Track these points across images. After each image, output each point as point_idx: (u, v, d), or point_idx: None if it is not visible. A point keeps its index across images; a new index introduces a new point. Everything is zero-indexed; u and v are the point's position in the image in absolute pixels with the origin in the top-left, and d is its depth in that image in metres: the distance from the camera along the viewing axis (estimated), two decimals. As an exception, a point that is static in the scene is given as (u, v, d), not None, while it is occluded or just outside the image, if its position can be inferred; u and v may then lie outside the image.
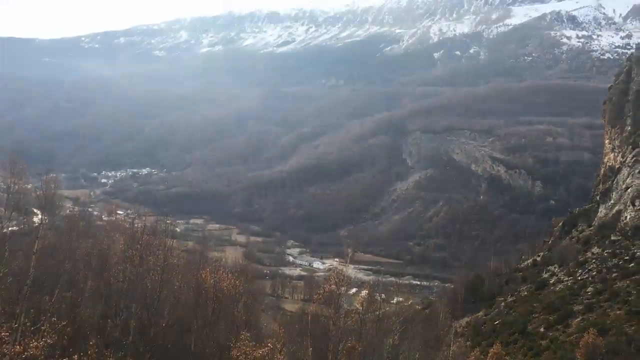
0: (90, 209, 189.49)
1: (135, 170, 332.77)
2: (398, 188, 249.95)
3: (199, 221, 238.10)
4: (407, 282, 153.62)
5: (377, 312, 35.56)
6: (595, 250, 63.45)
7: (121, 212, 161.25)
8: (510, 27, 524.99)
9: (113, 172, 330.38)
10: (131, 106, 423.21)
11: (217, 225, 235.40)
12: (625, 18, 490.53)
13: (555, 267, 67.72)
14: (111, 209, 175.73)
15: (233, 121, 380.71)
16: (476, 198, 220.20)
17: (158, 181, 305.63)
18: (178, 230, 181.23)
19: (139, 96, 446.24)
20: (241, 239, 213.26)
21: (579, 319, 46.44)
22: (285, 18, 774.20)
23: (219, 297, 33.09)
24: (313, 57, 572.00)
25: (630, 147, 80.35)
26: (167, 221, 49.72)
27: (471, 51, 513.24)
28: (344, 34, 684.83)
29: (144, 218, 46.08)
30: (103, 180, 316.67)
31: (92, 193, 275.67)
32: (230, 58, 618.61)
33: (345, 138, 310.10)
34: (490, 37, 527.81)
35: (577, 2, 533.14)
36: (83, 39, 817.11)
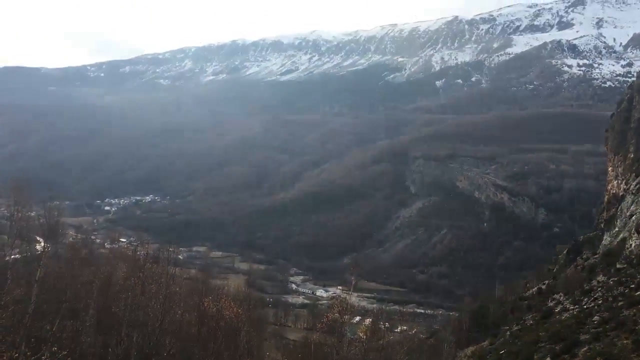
0: (93, 237, 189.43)
1: (138, 198, 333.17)
2: (401, 215, 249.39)
3: (201, 249, 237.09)
4: (411, 310, 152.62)
5: (381, 341, 35.16)
6: (600, 278, 62.87)
7: (124, 240, 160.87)
8: (512, 55, 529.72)
9: (116, 200, 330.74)
10: (136, 134, 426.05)
11: (220, 253, 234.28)
12: (625, 47, 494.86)
13: (560, 296, 67.02)
14: (114, 237, 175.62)
15: (236, 149, 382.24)
16: (480, 225, 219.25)
17: (161, 209, 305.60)
18: (181, 257, 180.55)
19: (144, 124, 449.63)
20: (244, 266, 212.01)
21: (585, 349, 45.75)
22: (289, 47, 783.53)
23: (221, 325, 32.84)
24: (316, 85, 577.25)
25: (634, 174, 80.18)
26: (170, 249, 49.60)
27: (473, 79, 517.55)
28: (346, 63, 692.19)
29: (146, 246, 45.96)
30: (106, 208, 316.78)
31: (95, 221, 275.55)
32: (234, 86, 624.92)
33: (349, 165, 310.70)
34: (492, 65, 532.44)
35: (577, 32, 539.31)
36: (89, 67, 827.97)
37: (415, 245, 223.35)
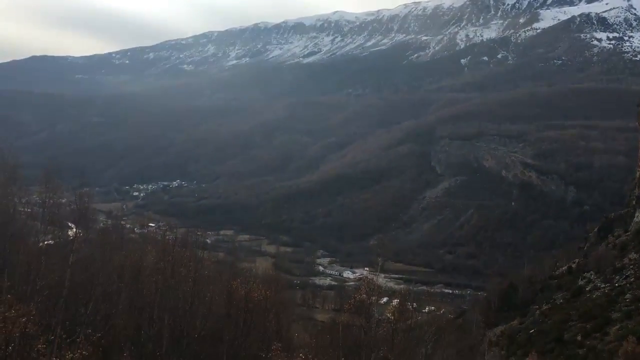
0: (122, 222, 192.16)
1: (166, 183, 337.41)
2: (427, 196, 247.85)
3: (228, 232, 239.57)
4: (438, 290, 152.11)
5: (409, 322, 35.16)
6: (632, 256, 61.91)
7: (153, 225, 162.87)
8: (539, 30, 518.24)
9: (144, 186, 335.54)
10: (161, 120, 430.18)
11: (247, 236, 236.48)
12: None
13: (591, 274, 66.23)
14: (143, 222, 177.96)
15: (260, 132, 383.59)
16: (507, 205, 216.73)
17: (188, 193, 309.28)
18: (208, 241, 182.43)
19: (169, 110, 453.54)
20: (271, 249, 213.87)
21: (617, 327, 45.23)
22: (311, 29, 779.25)
23: (249, 307, 33.22)
24: (339, 66, 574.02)
25: (667, 149, 78.36)
26: (198, 233, 50.24)
27: (499, 56, 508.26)
28: (369, 43, 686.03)
29: (175, 230, 46.58)
30: (135, 194, 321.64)
31: (124, 206, 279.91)
32: (257, 70, 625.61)
33: (373, 147, 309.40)
34: (519, 41, 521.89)
35: (606, 4, 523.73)
36: (114, 55, 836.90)
37: (441, 225, 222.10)
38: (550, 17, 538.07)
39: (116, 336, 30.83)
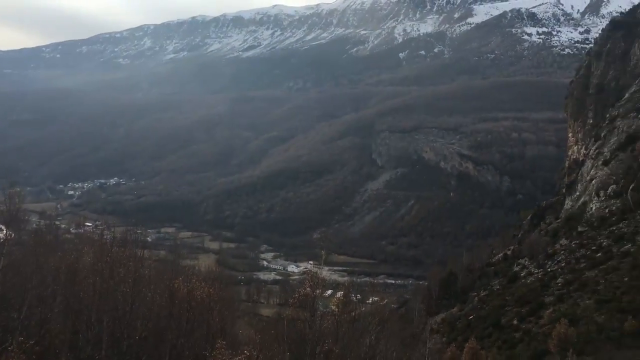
0: (57, 222, 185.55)
1: (102, 181, 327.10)
2: (369, 188, 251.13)
3: (170, 230, 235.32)
4: (381, 281, 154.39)
5: (353, 313, 35.49)
6: (563, 242, 64.70)
7: (89, 224, 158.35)
8: (473, 25, 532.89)
9: (80, 184, 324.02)
10: (97, 116, 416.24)
11: (189, 233, 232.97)
12: (583, 14, 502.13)
13: (525, 260, 68.82)
14: (79, 221, 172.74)
15: (201, 128, 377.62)
16: (446, 195, 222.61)
17: (127, 191, 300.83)
18: (149, 239, 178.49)
19: (105, 105, 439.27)
20: (214, 245, 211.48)
21: (550, 310, 47.19)
22: (250, 23, 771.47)
23: (192, 306, 32.61)
24: (279, 60, 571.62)
25: (593, 139, 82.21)
26: (138, 231, 48.89)
27: (435, 50, 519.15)
28: (309, 37, 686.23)
29: (113, 229, 45.16)
30: (70, 193, 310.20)
31: (58, 206, 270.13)
32: (196, 64, 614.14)
33: (315, 140, 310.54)
34: (454, 36, 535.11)
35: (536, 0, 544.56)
36: (44, 49, 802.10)
37: (383, 217, 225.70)
38: (483, 13, 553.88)
39: (52, 341, 29.62)
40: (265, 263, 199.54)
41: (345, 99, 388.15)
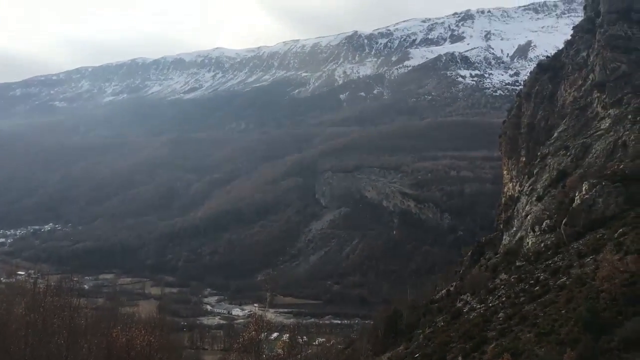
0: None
1: (37, 227, 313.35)
2: (313, 228, 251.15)
3: (109, 276, 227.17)
4: (327, 322, 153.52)
5: (299, 356, 35.00)
6: (503, 276, 66.12)
7: (22, 273, 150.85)
8: (410, 68, 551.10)
9: (12, 231, 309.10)
10: (31, 160, 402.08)
11: (129, 279, 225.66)
12: (512, 57, 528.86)
13: (467, 296, 69.80)
14: (11, 270, 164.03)
15: (142, 170, 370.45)
16: (390, 233, 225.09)
17: (62, 237, 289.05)
18: (86, 287, 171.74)
19: (39, 149, 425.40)
20: (155, 291, 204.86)
21: (493, 345, 47.77)
22: (191, 65, 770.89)
23: (132, 356, 31.34)
24: (221, 102, 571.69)
25: (527, 176, 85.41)
26: (74, 279, 47.02)
27: (375, 92, 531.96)
28: (251, 79, 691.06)
29: (47, 277, 43.19)
30: (1, 240, 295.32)
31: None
32: (136, 106, 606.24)
33: (258, 182, 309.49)
34: (392, 78, 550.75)
35: (468, 44, 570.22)
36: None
37: (328, 257, 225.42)
38: (419, 56, 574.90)
39: (-22, 401, 27.71)
40: (209, 307, 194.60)
41: (287, 140, 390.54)
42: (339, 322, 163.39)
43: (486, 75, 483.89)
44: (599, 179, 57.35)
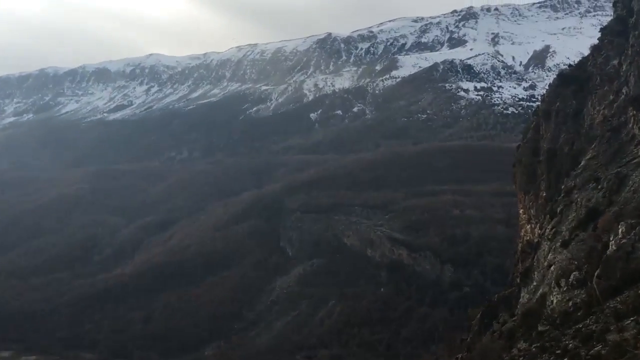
0: None
1: None
2: (278, 285, 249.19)
3: (6, 354, 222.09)
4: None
5: None
6: (521, 345, 66.22)
7: None
8: (399, 79, 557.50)
9: None
10: None
11: (34, 357, 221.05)
12: (526, 66, 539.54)
13: (477, 371, 69.73)
14: None
15: (52, 213, 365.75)
16: (376, 291, 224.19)
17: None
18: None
19: None
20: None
21: None
22: (119, 76, 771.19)
23: None
24: (157, 123, 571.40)
25: (548, 216, 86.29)
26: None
27: (355, 109, 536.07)
28: (196, 94, 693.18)
29: None
30: None
31: None
32: (46, 129, 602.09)
33: (206, 225, 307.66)
34: (376, 92, 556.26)
35: (471, 50, 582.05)
36: None
37: (298, 322, 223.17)
38: (410, 64, 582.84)
39: None
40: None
41: (244, 171, 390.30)
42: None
43: (494, 89, 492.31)
44: (638, 219, 58.36)
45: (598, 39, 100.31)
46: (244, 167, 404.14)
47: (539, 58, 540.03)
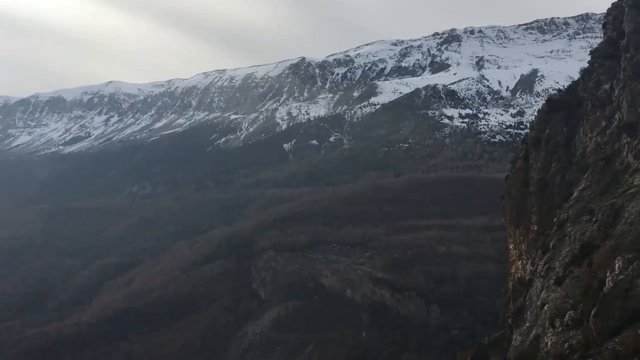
0: None
1: None
2: (250, 331, 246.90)
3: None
4: None
5: None
6: (515, 392, 66.26)
7: None
8: (378, 106, 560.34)
9: None
10: None
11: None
12: (513, 92, 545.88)
13: (468, 422, 69.49)
14: None
15: (2, 255, 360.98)
16: (357, 335, 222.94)
17: None
18: None
19: None
20: None
21: None
22: (75, 105, 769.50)
23: None
24: (117, 157, 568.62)
25: (540, 251, 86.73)
26: None
27: (332, 139, 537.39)
28: (159, 124, 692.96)
29: None
30: None
31: None
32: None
33: (171, 267, 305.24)
34: (354, 120, 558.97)
35: (454, 74, 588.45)
36: None
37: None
38: (390, 90, 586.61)
39: None
40: None
41: (212, 207, 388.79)
42: None
43: (480, 115, 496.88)
44: (636, 253, 58.90)
45: (588, 62, 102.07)
46: (212, 202, 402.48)
47: (527, 83, 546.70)
